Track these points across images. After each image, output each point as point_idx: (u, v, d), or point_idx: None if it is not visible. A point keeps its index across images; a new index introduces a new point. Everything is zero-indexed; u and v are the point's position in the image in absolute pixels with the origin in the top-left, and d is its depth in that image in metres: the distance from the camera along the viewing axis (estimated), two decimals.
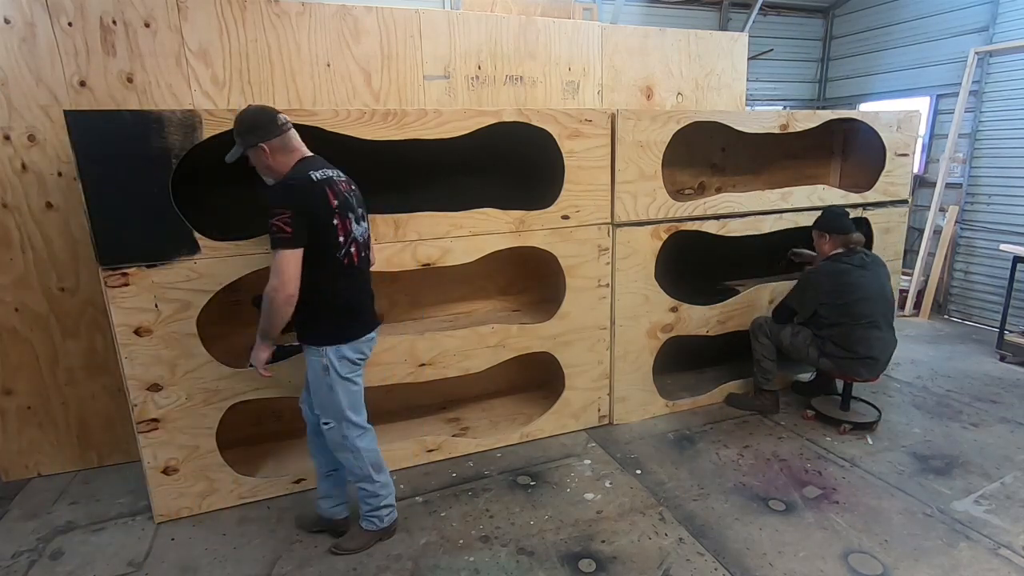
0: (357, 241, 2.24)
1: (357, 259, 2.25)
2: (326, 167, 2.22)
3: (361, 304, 2.32)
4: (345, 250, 2.19)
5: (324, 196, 2.12)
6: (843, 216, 3.41)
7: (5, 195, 2.86)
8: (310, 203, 2.09)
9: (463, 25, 3.54)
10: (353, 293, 2.27)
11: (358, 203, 2.29)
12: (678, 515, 2.71)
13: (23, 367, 3.03)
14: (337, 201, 2.16)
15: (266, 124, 2.13)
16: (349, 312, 2.27)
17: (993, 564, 2.37)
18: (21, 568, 2.46)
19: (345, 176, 2.29)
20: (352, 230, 2.21)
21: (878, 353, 3.28)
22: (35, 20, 2.74)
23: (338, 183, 2.21)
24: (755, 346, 3.63)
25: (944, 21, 5.80)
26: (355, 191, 2.31)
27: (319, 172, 2.16)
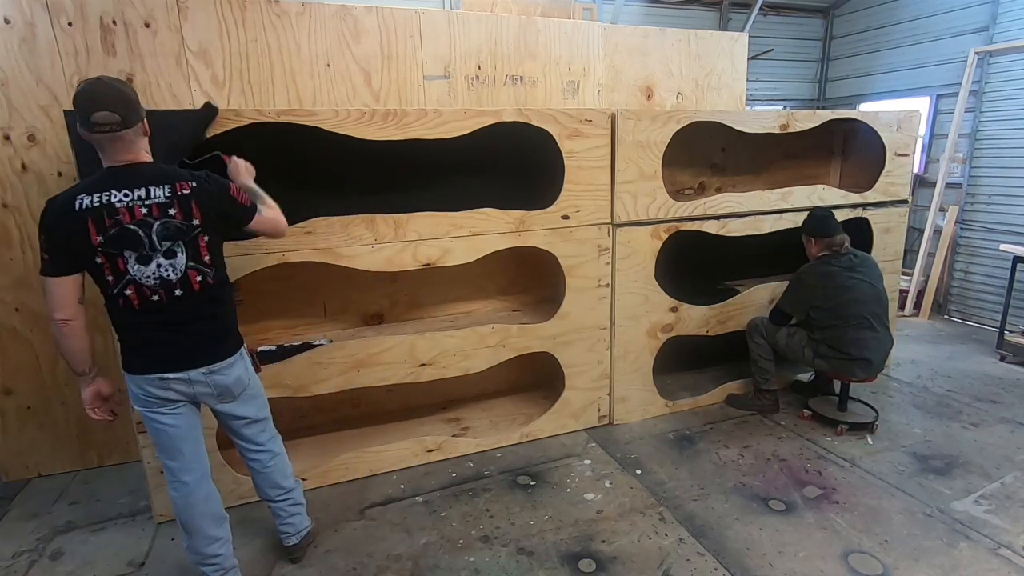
0: (137, 283, 1.83)
1: (138, 302, 1.85)
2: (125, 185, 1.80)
3: (149, 340, 1.91)
4: (118, 291, 1.83)
5: (81, 229, 1.75)
6: (827, 219, 3.42)
7: (5, 195, 2.86)
8: (58, 235, 1.77)
9: (463, 25, 3.54)
10: (129, 331, 1.92)
11: (163, 235, 1.83)
12: (678, 515, 2.72)
13: (23, 367, 3.03)
14: (102, 237, 1.76)
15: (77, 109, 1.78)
16: (131, 347, 1.94)
17: (993, 564, 2.37)
18: (21, 568, 2.46)
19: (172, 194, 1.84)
20: (128, 271, 1.81)
21: (872, 354, 3.28)
22: (35, 20, 2.74)
23: (127, 211, 1.78)
24: (751, 347, 3.64)
25: (944, 21, 5.81)
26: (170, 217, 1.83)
27: (97, 196, 1.77)
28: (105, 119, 1.75)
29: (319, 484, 2.97)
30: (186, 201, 1.87)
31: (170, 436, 2.02)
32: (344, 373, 2.89)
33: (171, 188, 1.85)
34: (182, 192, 1.87)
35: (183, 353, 1.95)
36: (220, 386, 2.04)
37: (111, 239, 1.78)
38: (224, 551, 2.16)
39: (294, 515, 2.38)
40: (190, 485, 2.07)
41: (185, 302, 1.92)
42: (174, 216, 1.85)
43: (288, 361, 2.79)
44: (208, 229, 1.93)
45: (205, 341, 1.99)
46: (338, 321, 3.36)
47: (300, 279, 3.15)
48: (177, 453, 2.05)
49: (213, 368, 2.00)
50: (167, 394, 1.96)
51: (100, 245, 1.78)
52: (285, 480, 2.33)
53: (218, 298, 2.02)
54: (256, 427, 2.23)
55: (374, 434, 3.30)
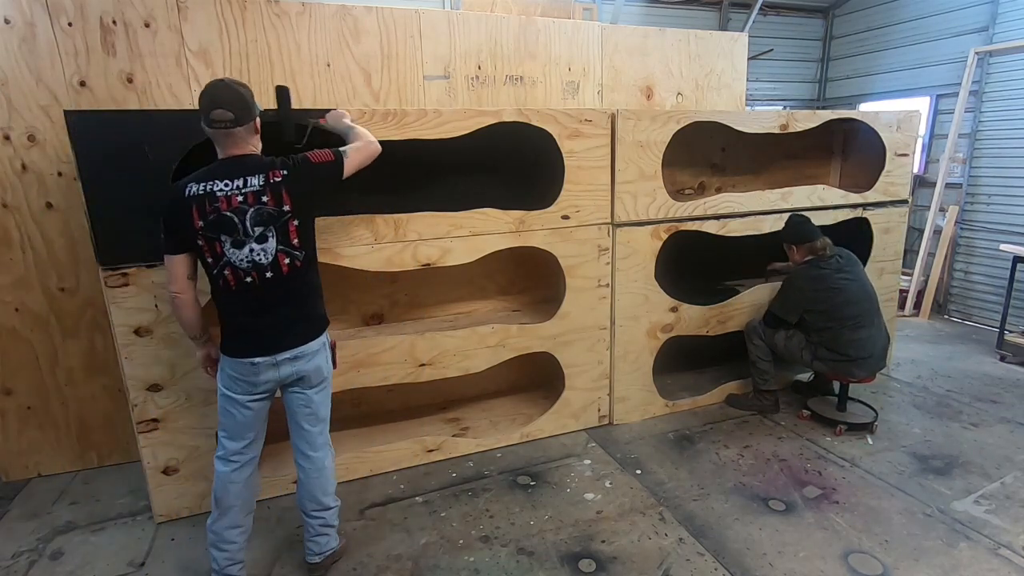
0: (234, 266, 1.99)
1: (234, 283, 2.01)
2: (226, 176, 1.98)
3: (241, 327, 2.07)
4: (217, 271, 2.01)
5: (187, 214, 1.94)
6: (803, 224, 3.42)
7: (5, 195, 2.86)
8: (172, 218, 1.97)
9: (463, 25, 3.54)
10: (229, 314, 2.08)
11: (255, 221, 1.98)
12: (678, 515, 2.71)
13: (23, 367, 3.03)
14: (203, 222, 1.94)
15: (201, 108, 1.98)
16: (227, 330, 2.10)
17: (993, 564, 2.37)
18: (21, 568, 2.46)
19: (265, 183, 2.00)
20: (224, 253, 1.97)
21: (868, 353, 3.29)
22: (35, 20, 2.74)
23: (224, 199, 1.95)
24: (750, 348, 3.64)
25: (944, 21, 5.81)
26: (263, 204, 1.99)
27: (202, 185, 1.96)
28: (220, 116, 1.95)
29: None
30: (277, 188, 2.02)
31: (240, 421, 2.13)
32: (344, 373, 2.89)
33: (264, 177, 2.01)
34: (274, 180, 2.02)
35: (272, 337, 2.08)
36: (301, 372, 2.15)
37: (210, 224, 1.95)
38: (240, 540, 2.22)
39: (322, 535, 2.35)
40: (239, 464, 2.17)
41: (274, 284, 2.06)
42: (267, 203, 2.00)
43: None
44: (299, 213, 2.06)
45: (292, 324, 2.12)
46: (338, 321, 3.35)
47: None
48: (240, 437, 2.16)
49: (299, 352, 2.12)
50: (255, 378, 2.08)
51: (201, 229, 1.95)
52: (325, 497, 2.32)
53: (307, 281, 2.15)
54: (318, 424, 2.28)
55: (374, 434, 3.30)
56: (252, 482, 2.23)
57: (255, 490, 2.26)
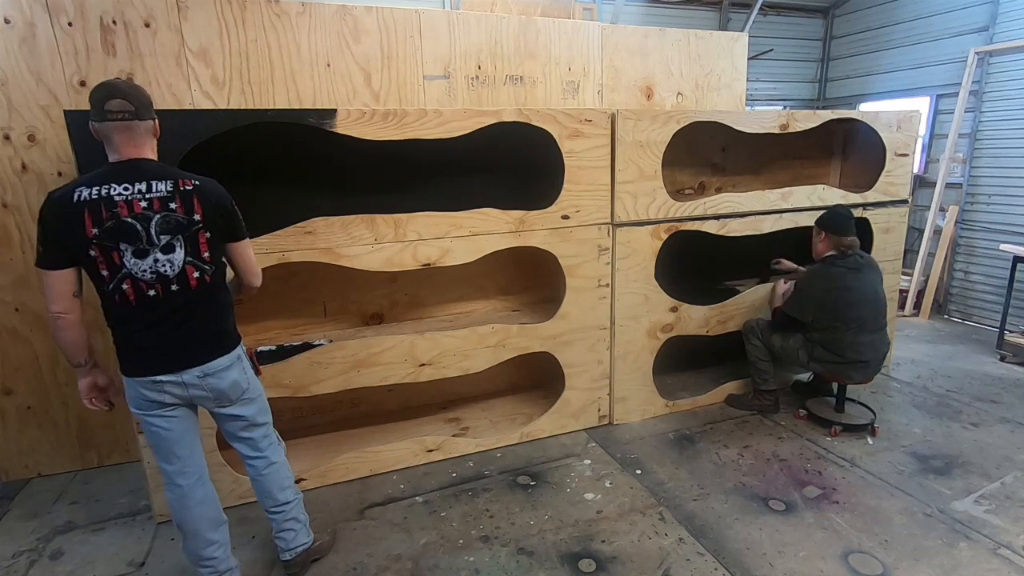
0: (133, 277, 1.81)
1: (134, 297, 1.83)
2: (125, 179, 1.80)
3: (142, 345, 1.88)
4: (114, 285, 1.81)
5: (78, 221, 1.74)
6: (846, 218, 3.35)
7: (5, 195, 2.86)
8: (58, 225, 1.75)
9: (463, 25, 3.54)
10: (126, 331, 1.89)
11: (162, 229, 1.81)
12: (678, 515, 2.71)
13: (23, 367, 3.03)
14: (98, 230, 1.75)
15: (92, 103, 1.80)
16: (125, 349, 1.92)
17: (993, 564, 2.37)
18: (21, 568, 2.46)
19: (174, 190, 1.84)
20: (123, 264, 1.79)
21: (868, 357, 3.28)
22: (35, 20, 2.74)
23: (125, 204, 1.77)
24: (748, 348, 3.64)
25: (944, 21, 5.80)
26: (171, 211, 1.82)
27: (96, 189, 1.76)
28: (119, 106, 1.78)
29: (319, 484, 2.97)
30: (188, 196, 1.86)
31: (164, 439, 2.00)
32: (344, 373, 2.89)
33: (173, 183, 1.85)
34: (184, 188, 1.86)
35: (176, 354, 1.92)
36: (215, 390, 2.00)
37: (107, 232, 1.77)
38: (219, 554, 2.14)
39: (287, 530, 2.29)
40: (184, 488, 2.05)
41: (181, 299, 1.89)
42: (175, 210, 1.84)
43: (288, 361, 2.79)
44: (209, 227, 1.91)
45: (199, 341, 1.95)
46: (338, 321, 3.36)
47: (300, 279, 3.16)
48: (172, 456, 2.02)
49: (207, 370, 1.96)
50: (162, 397, 1.93)
51: (95, 238, 1.76)
52: (281, 492, 2.25)
53: (215, 297, 1.99)
54: (256, 431, 2.18)
55: (374, 434, 3.30)
56: (206, 498, 2.10)
57: (214, 504, 2.14)
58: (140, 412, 1.97)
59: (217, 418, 2.14)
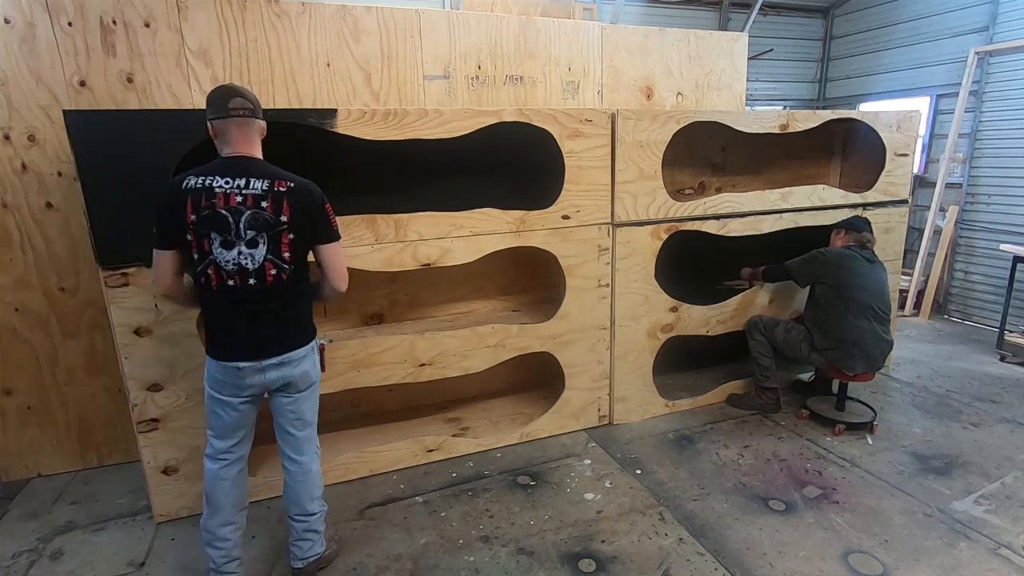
0: (219, 266, 1.94)
1: (216, 284, 1.97)
2: (227, 174, 1.94)
3: (223, 329, 2.04)
4: (201, 269, 1.97)
5: (182, 206, 1.90)
6: (864, 221, 3.62)
7: (5, 195, 2.86)
8: (166, 208, 1.93)
9: (463, 25, 3.54)
10: (211, 315, 2.04)
11: (249, 224, 1.93)
12: (678, 515, 2.72)
13: (23, 367, 3.03)
14: (196, 216, 1.90)
15: (216, 100, 1.98)
16: (210, 332, 2.07)
17: (993, 564, 2.37)
18: (21, 568, 2.46)
19: (268, 189, 1.95)
20: (211, 252, 1.93)
21: (868, 346, 3.28)
22: (35, 20, 2.74)
23: (223, 196, 1.91)
24: (751, 344, 3.65)
25: (944, 21, 5.81)
26: (260, 209, 1.94)
27: (202, 179, 1.92)
28: (241, 104, 1.97)
29: None
30: (279, 198, 1.97)
31: (227, 422, 2.12)
32: (344, 373, 2.89)
33: (269, 183, 1.97)
34: (278, 188, 1.97)
35: (258, 343, 2.05)
36: (288, 377, 2.11)
37: (203, 219, 1.91)
38: (233, 537, 2.21)
39: (305, 539, 2.32)
40: (227, 462, 2.17)
41: (257, 293, 2.00)
42: (265, 209, 1.95)
43: None
44: (294, 228, 2.00)
45: (278, 332, 2.08)
46: (338, 321, 3.36)
47: None
48: (228, 437, 2.15)
49: (284, 359, 2.08)
50: (240, 382, 2.05)
51: (192, 224, 1.91)
52: (310, 503, 2.29)
53: (292, 294, 2.09)
54: (304, 430, 2.25)
55: (374, 434, 3.30)
56: (241, 479, 2.22)
57: (245, 488, 2.25)
58: (215, 393, 2.09)
59: (276, 405, 2.21)
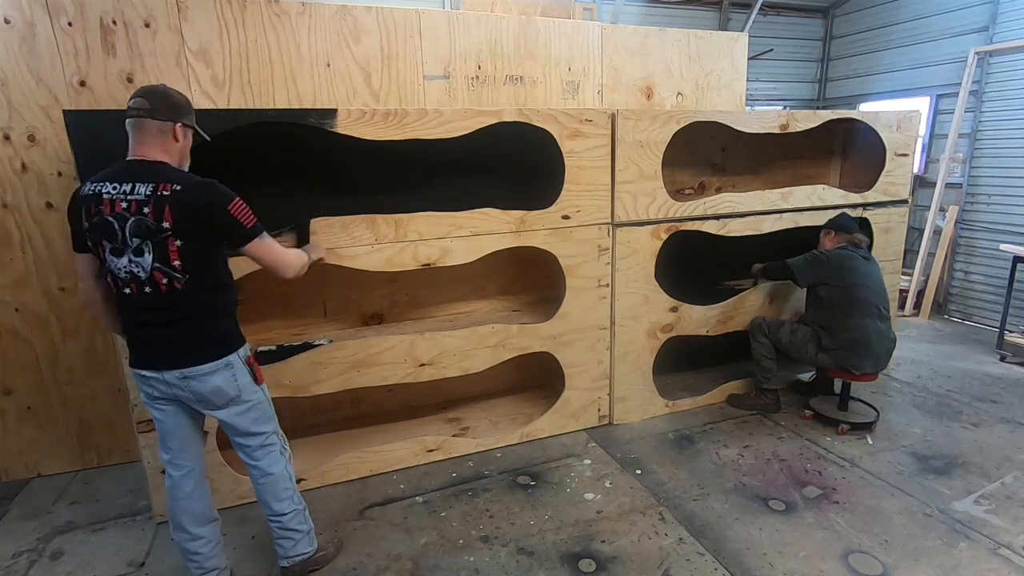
0: (115, 274, 1.88)
1: (115, 288, 1.92)
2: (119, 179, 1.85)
3: (133, 337, 2.00)
4: (104, 276, 1.95)
5: (78, 213, 1.88)
6: (852, 219, 3.61)
7: (5, 195, 2.86)
8: (71, 213, 1.92)
9: (463, 25, 3.54)
10: (126, 323, 2.00)
11: (134, 232, 1.83)
12: (678, 515, 2.72)
13: (23, 367, 3.03)
14: (88, 223, 1.85)
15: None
16: (127, 338, 2.04)
17: (993, 564, 2.37)
18: (21, 568, 2.46)
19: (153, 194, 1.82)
20: (106, 259, 1.88)
21: (875, 344, 3.29)
22: (35, 20, 2.74)
23: (111, 202, 1.82)
24: (754, 345, 3.64)
25: (944, 21, 5.81)
26: (143, 216, 1.82)
27: (95, 185, 1.86)
28: (138, 104, 1.89)
29: (319, 484, 2.97)
30: (161, 203, 1.82)
31: (159, 429, 2.10)
32: (344, 373, 2.89)
33: (153, 187, 1.83)
34: (162, 192, 1.83)
35: (158, 353, 1.96)
36: (197, 393, 1.99)
37: (93, 227, 1.86)
38: (204, 550, 2.16)
39: (285, 539, 2.27)
40: (175, 479, 2.12)
41: (156, 301, 1.90)
42: (147, 215, 1.83)
43: (288, 361, 2.79)
44: (180, 235, 1.85)
45: (178, 344, 1.95)
46: (338, 321, 3.36)
47: (300, 279, 3.14)
48: (165, 446, 2.13)
49: (187, 373, 1.95)
50: (151, 390, 2.01)
51: (88, 230, 1.87)
52: (277, 504, 2.22)
53: (192, 304, 1.94)
54: (251, 439, 2.16)
55: (374, 434, 3.30)
56: (197, 494, 2.14)
57: (204, 501, 2.17)
58: (143, 397, 2.08)
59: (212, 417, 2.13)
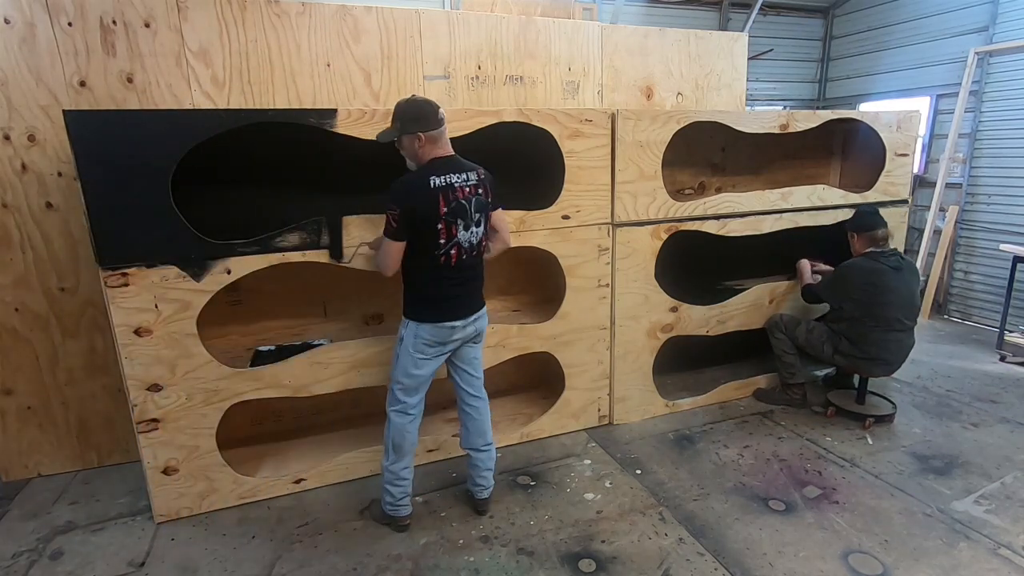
0: (460, 245, 2.37)
1: (455, 260, 2.38)
2: (454, 171, 2.34)
3: (447, 296, 2.43)
4: (444, 252, 2.35)
5: (435, 201, 2.28)
6: (870, 214, 3.51)
7: (5, 195, 2.86)
8: (419, 206, 2.27)
9: (463, 25, 3.54)
10: (440, 288, 2.42)
11: (476, 208, 2.39)
12: (678, 515, 2.72)
13: (23, 367, 3.03)
14: (447, 208, 2.30)
15: (430, 116, 2.31)
16: (433, 301, 2.43)
17: (993, 564, 2.37)
18: (21, 568, 2.46)
19: (478, 178, 2.40)
20: (457, 235, 2.35)
21: (892, 356, 3.33)
22: (35, 20, 2.74)
23: (460, 189, 2.33)
24: (773, 343, 3.68)
25: (944, 21, 5.81)
26: (480, 195, 2.40)
27: (441, 177, 2.30)
28: (444, 113, 2.36)
29: (319, 484, 2.98)
30: (484, 184, 2.44)
31: (421, 379, 2.51)
32: (344, 373, 2.89)
33: (476, 174, 2.42)
34: (480, 177, 2.43)
35: (466, 304, 2.49)
36: (478, 329, 2.57)
37: (453, 210, 2.32)
38: (410, 477, 2.61)
39: (489, 470, 2.72)
40: (413, 416, 2.56)
41: (474, 260, 2.47)
42: (482, 194, 2.42)
43: (288, 361, 2.79)
44: (494, 206, 2.51)
45: (476, 294, 2.55)
46: (338, 321, 3.36)
47: (300, 279, 3.15)
48: (417, 392, 2.54)
49: (477, 315, 2.54)
50: (446, 337, 2.46)
51: (445, 215, 2.30)
52: (489, 433, 2.71)
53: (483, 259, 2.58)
54: (480, 371, 2.69)
55: (374, 434, 3.28)
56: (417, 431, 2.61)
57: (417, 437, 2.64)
58: (418, 355, 2.45)
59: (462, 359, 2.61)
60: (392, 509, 2.61)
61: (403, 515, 2.62)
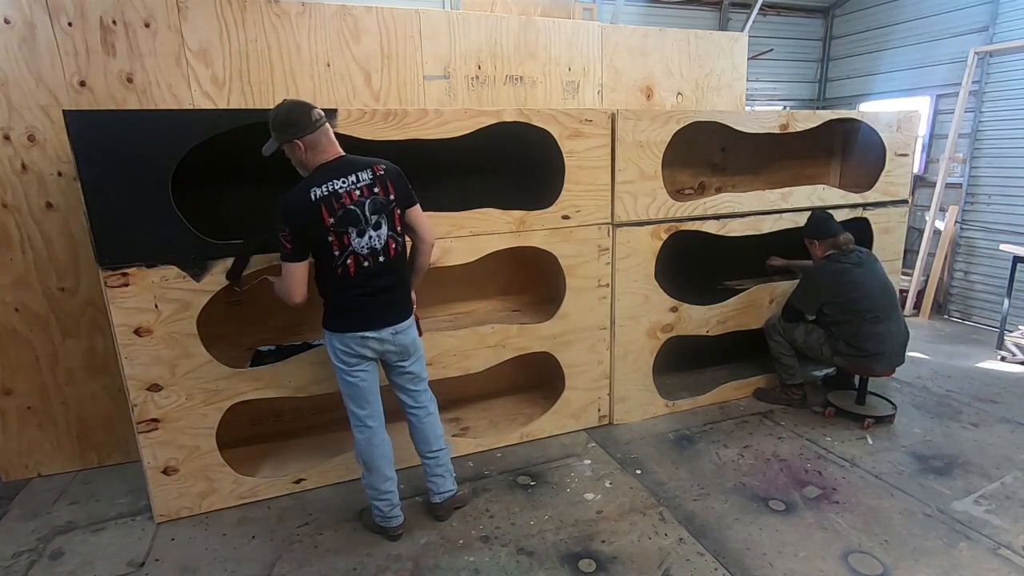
0: (357, 253, 2.24)
1: (355, 270, 2.26)
2: (339, 176, 2.20)
3: (353, 307, 2.31)
4: (340, 263, 2.24)
5: (318, 216, 2.16)
6: (826, 220, 3.50)
7: (5, 195, 2.86)
8: (302, 224, 2.17)
9: (463, 25, 3.54)
10: (346, 298, 2.30)
11: (373, 210, 2.24)
12: (678, 515, 2.71)
13: (23, 367, 3.03)
14: (333, 219, 2.18)
15: (301, 119, 2.18)
16: (342, 312, 2.33)
17: (993, 564, 2.37)
18: (21, 568, 2.46)
19: (373, 176, 2.25)
20: (351, 244, 2.22)
21: (887, 348, 3.33)
22: (35, 20, 2.74)
23: (347, 194, 2.19)
24: (771, 345, 3.68)
25: (944, 21, 5.81)
26: (376, 195, 2.24)
27: (322, 187, 2.17)
28: (320, 114, 2.21)
29: (319, 484, 2.97)
30: (383, 180, 2.28)
31: (361, 388, 2.41)
32: None
33: (371, 171, 2.26)
34: (379, 172, 2.27)
35: (379, 315, 2.34)
36: (401, 345, 2.41)
37: (340, 220, 2.19)
38: (394, 489, 2.54)
39: (438, 475, 2.64)
40: (373, 429, 2.46)
41: (384, 267, 2.31)
42: (378, 193, 2.26)
43: (288, 361, 2.79)
44: (399, 203, 2.32)
45: (394, 304, 2.38)
46: None
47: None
48: (365, 403, 2.43)
49: (398, 328, 2.38)
50: (364, 351, 2.34)
51: (332, 226, 2.18)
52: (435, 440, 2.61)
53: (403, 264, 2.41)
54: (420, 384, 2.57)
55: None
56: (388, 441, 2.52)
57: (391, 447, 2.54)
58: (342, 365, 2.37)
59: (392, 374, 2.52)
60: (383, 521, 2.56)
61: (394, 526, 2.56)
